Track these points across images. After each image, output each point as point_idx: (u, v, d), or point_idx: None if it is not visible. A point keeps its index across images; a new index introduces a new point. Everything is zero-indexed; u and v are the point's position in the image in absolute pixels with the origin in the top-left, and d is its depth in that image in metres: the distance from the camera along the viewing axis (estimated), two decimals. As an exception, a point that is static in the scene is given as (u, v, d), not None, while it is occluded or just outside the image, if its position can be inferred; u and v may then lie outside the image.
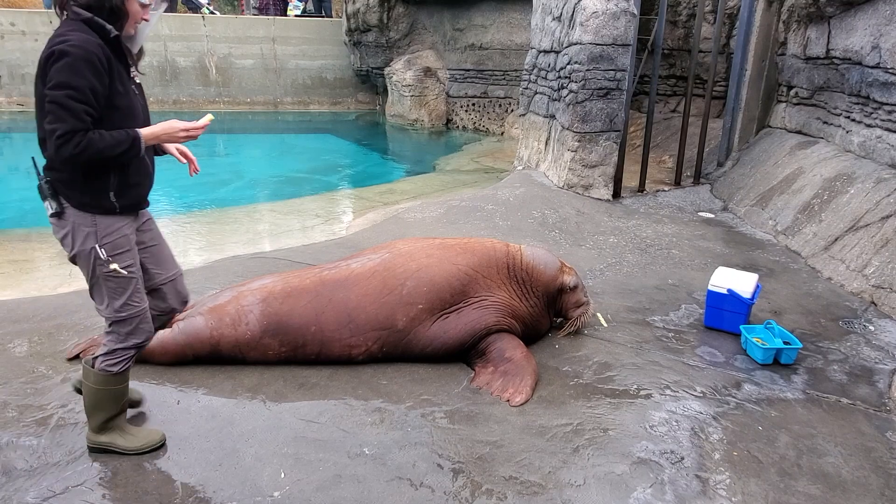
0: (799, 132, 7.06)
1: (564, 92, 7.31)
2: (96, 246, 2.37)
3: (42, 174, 2.35)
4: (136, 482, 2.51)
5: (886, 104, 5.38)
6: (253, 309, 3.38)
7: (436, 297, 3.43)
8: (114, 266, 2.40)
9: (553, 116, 7.98)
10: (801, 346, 3.70)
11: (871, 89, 5.53)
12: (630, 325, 4.13)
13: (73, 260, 2.43)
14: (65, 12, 2.28)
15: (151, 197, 2.65)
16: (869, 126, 5.70)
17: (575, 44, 6.98)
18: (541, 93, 8.50)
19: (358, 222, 6.95)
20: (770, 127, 7.76)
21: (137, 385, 3.15)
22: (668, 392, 3.30)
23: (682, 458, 2.77)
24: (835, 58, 6.07)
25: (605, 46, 6.83)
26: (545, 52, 8.24)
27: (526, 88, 9.19)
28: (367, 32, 14.80)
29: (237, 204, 8.27)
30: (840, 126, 6.23)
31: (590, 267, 5.18)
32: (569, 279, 3.83)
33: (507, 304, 3.57)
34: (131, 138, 2.32)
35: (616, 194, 7.38)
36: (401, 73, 14.49)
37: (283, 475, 2.58)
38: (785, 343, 3.69)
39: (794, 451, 2.86)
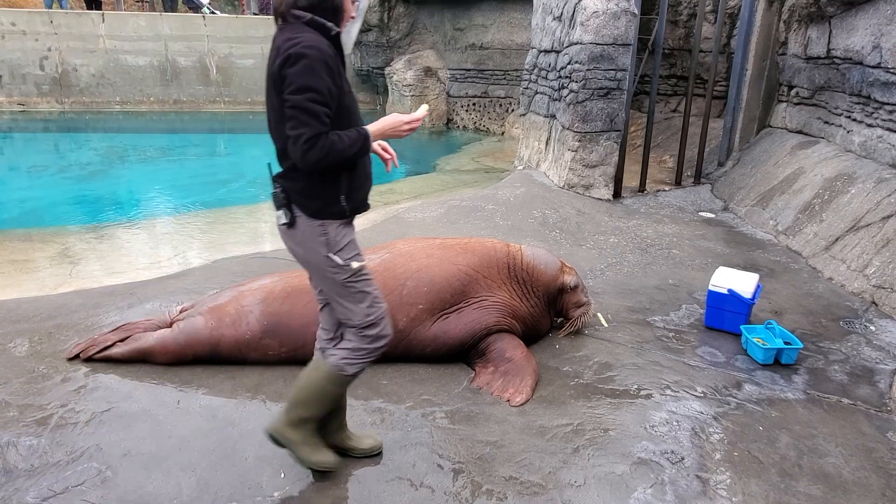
0: (800, 132, 7.06)
1: (565, 92, 7.30)
2: (329, 254, 2.28)
3: (276, 183, 2.28)
4: (136, 482, 2.50)
5: (887, 104, 5.37)
6: (253, 309, 3.38)
7: (436, 297, 3.43)
8: (355, 265, 2.32)
9: (553, 116, 7.98)
10: (801, 346, 3.70)
11: (871, 89, 5.52)
12: (630, 325, 4.12)
13: (307, 267, 2.38)
14: (283, 19, 2.20)
15: (153, 196, 2.64)
16: (870, 126, 5.69)
17: (575, 43, 6.97)
18: (541, 93, 8.49)
19: (358, 222, 6.92)
20: (771, 127, 7.75)
21: (138, 385, 3.15)
22: (668, 392, 3.30)
23: (683, 459, 2.76)
24: (836, 57, 6.06)
25: (605, 46, 6.82)
26: (546, 51, 8.23)
27: (526, 88, 9.18)
28: (368, 32, 14.80)
29: (238, 203, 8.27)
30: (841, 126, 6.23)
31: (590, 267, 5.18)
32: (569, 279, 3.82)
33: (507, 304, 3.57)
34: (363, 136, 2.24)
35: (616, 194, 7.38)
36: (401, 72, 14.49)
37: (283, 475, 2.58)
38: (786, 343, 3.69)
39: (795, 451, 2.86)
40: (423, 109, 2.45)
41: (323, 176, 2.24)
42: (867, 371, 3.63)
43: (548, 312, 3.83)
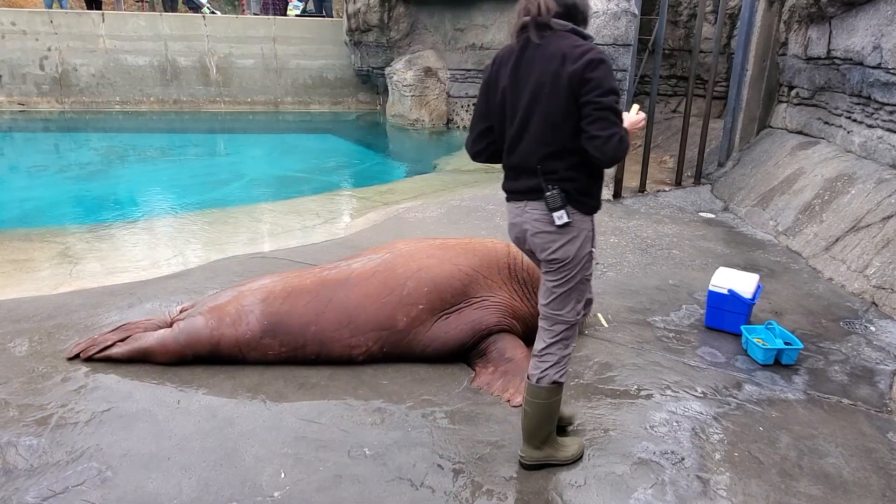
0: (800, 132, 7.06)
1: (565, 92, 7.30)
2: (593, 248, 2.47)
3: (551, 185, 2.34)
4: (136, 482, 2.50)
5: (887, 104, 5.37)
6: (253, 309, 3.38)
7: (437, 297, 3.43)
8: (594, 261, 2.55)
9: (554, 116, 7.97)
10: (801, 346, 3.70)
11: (872, 89, 5.52)
12: (631, 325, 4.12)
13: (557, 265, 2.43)
14: (546, 28, 2.31)
15: (153, 196, 2.65)
16: (870, 126, 5.70)
17: (576, 44, 6.97)
18: (541, 93, 8.49)
19: (358, 222, 6.94)
20: (771, 127, 7.75)
21: (138, 385, 3.15)
22: (668, 392, 3.30)
23: (683, 459, 2.76)
24: (836, 58, 6.06)
25: (605, 46, 6.82)
26: (546, 52, 8.23)
27: (526, 88, 9.17)
28: (368, 32, 14.79)
29: (237, 204, 8.27)
30: (841, 126, 6.23)
31: (590, 267, 5.18)
32: None
33: (507, 304, 3.57)
34: (625, 131, 2.36)
35: (617, 194, 7.38)
36: (401, 72, 14.49)
37: (283, 475, 2.58)
38: (786, 343, 3.69)
39: (795, 451, 2.86)
40: (636, 109, 2.64)
41: (596, 174, 2.43)
42: (867, 371, 3.63)
43: None
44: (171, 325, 3.45)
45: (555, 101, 2.26)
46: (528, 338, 3.67)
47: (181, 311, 3.55)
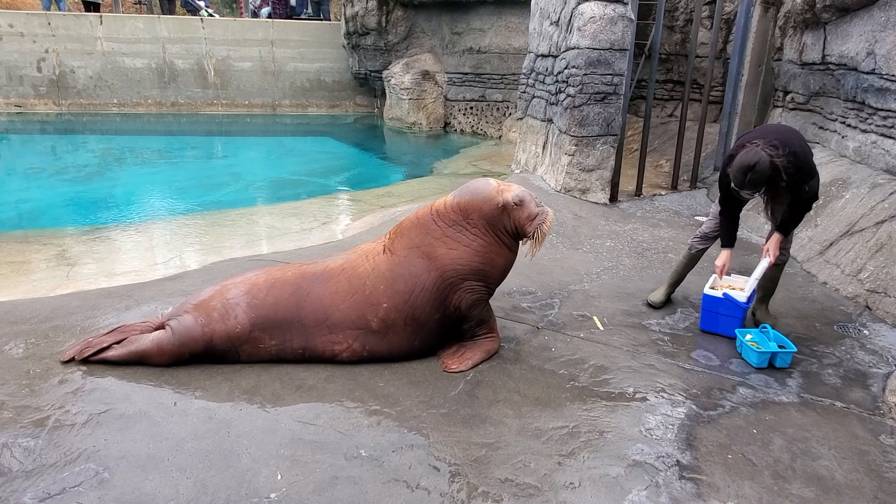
0: (795, 137, 7.09)
1: (562, 96, 7.33)
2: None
3: None
4: (133, 484, 2.51)
5: (881, 110, 5.41)
6: (239, 302, 3.39)
7: (392, 290, 3.42)
8: None
9: (550, 120, 8.01)
10: (795, 349, 3.72)
11: (866, 95, 5.56)
12: (626, 328, 4.14)
13: None
14: None
15: (151, 198, 2.65)
16: (864, 131, 5.73)
17: (572, 48, 7.00)
18: (538, 97, 8.52)
19: (356, 225, 6.96)
20: (766, 132, 7.79)
21: (135, 387, 3.16)
22: (663, 395, 3.32)
23: (678, 461, 2.78)
24: (830, 63, 6.10)
25: (602, 51, 6.86)
26: (543, 56, 8.27)
27: (524, 92, 9.21)
28: (366, 35, 14.84)
29: (235, 206, 8.28)
30: (835, 131, 6.27)
31: (586, 270, 5.20)
32: (510, 196, 3.51)
33: (453, 260, 3.46)
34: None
35: (613, 198, 7.40)
36: (399, 76, 14.53)
37: (279, 477, 2.59)
38: (780, 347, 3.71)
39: (789, 454, 2.88)
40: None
41: None
42: (860, 375, 3.66)
43: (501, 243, 3.58)
44: (161, 327, 3.46)
45: None
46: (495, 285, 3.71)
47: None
